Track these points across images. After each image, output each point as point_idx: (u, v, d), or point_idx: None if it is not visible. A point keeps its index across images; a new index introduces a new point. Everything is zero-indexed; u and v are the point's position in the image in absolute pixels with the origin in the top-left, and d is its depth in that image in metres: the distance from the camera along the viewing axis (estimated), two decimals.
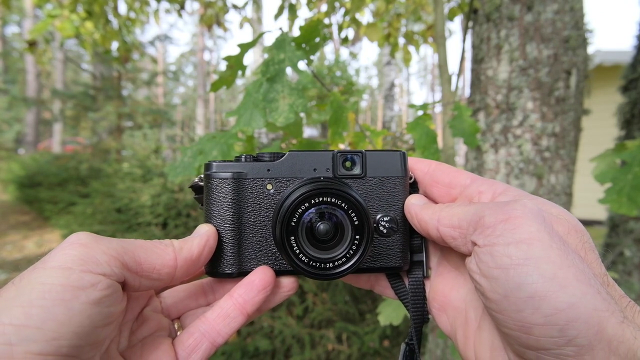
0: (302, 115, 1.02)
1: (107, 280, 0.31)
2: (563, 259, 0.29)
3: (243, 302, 0.41)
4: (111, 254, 0.32)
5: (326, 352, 2.36)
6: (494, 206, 0.34)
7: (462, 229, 0.35)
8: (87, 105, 9.19)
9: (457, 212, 0.37)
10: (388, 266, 0.45)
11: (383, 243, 0.45)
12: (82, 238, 0.32)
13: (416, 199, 0.44)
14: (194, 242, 0.40)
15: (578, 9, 1.56)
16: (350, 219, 0.41)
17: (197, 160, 0.89)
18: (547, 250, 0.29)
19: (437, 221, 0.38)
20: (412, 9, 3.02)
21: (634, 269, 1.82)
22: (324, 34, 1.04)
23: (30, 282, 0.29)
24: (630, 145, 1.02)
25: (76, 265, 0.30)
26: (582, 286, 0.28)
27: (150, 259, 0.36)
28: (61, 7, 2.71)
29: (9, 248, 5.45)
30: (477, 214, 0.34)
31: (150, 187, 3.99)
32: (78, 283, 0.29)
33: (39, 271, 0.29)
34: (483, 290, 0.32)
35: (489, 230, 0.32)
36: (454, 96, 1.28)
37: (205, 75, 23.77)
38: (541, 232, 0.30)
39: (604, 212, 2.11)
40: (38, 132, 16.41)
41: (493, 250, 0.31)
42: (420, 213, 0.41)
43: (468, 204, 0.37)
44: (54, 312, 0.28)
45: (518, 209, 0.32)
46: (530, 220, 0.31)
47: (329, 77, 9.81)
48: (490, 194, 0.39)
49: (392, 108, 9.41)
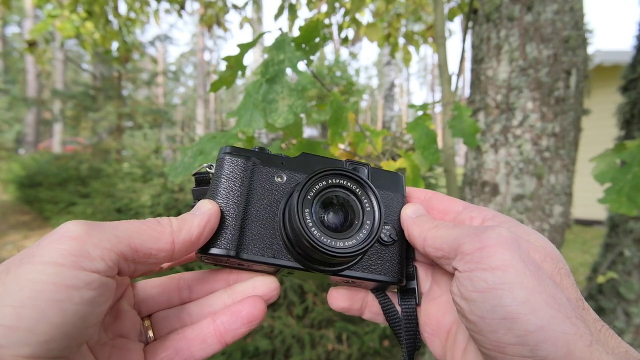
0: (302, 115, 1.02)
1: (101, 278, 0.30)
2: (535, 285, 0.31)
3: (224, 331, 0.40)
4: (104, 246, 0.30)
5: (326, 352, 2.36)
6: (472, 233, 0.35)
7: (444, 251, 0.38)
8: (87, 105, 9.19)
9: (441, 235, 0.39)
10: (386, 280, 0.45)
11: (383, 254, 0.45)
12: (73, 230, 0.30)
13: (411, 209, 0.45)
14: (194, 221, 0.38)
15: (578, 9, 1.56)
16: (362, 205, 0.42)
17: (197, 160, 0.89)
18: (520, 276, 0.31)
19: (424, 240, 0.40)
20: (412, 9, 3.02)
21: (634, 268, 1.82)
22: (324, 34, 1.04)
23: (19, 279, 0.27)
24: (630, 145, 1.02)
25: (68, 261, 0.28)
26: (552, 310, 0.30)
27: (146, 243, 0.34)
28: (61, 7, 2.72)
29: (9, 248, 5.45)
30: (457, 240, 0.36)
31: (151, 187, 3.99)
32: (71, 282, 0.28)
33: (28, 267, 0.27)
34: (463, 312, 0.34)
35: (468, 257, 0.34)
36: (454, 96, 1.28)
37: (205, 75, 23.76)
38: (515, 259, 0.32)
39: (603, 212, 2.10)
40: (38, 132, 16.41)
41: (472, 275, 0.33)
42: (411, 227, 0.43)
43: (452, 227, 0.39)
44: (47, 314, 0.26)
45: (493, 237, 0.34)
46: (505, 248, 0.33)
47: (329, 77, 9.81)
48: (480, 219, 0.42)
49: (392, 108, 9.40)
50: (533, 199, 1.56)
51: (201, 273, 0.45)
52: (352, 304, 0.47)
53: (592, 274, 2.01)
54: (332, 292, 0.47)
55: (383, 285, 0.47)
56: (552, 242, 1.45)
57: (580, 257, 5.35)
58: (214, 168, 0.44)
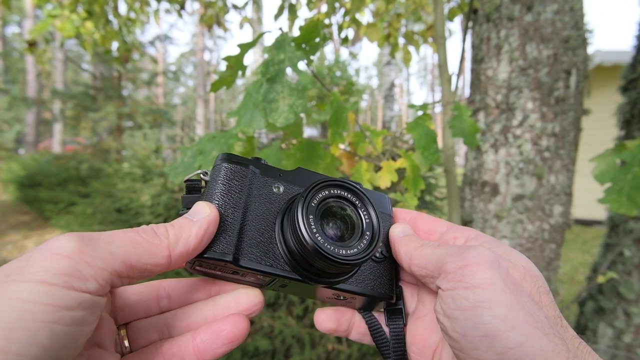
0: (302, 115, 1.02)
1: (92, 298, 0.28)
2: (514, 303, 0.32)
3: (203, 350, 0.38)
4: (98, 264, 0.29)
5: (326, 352, 2.36)
6: (455, 252, 0.37)
7: (428, 270, 0.39)
8: (87, 105, 9.19)
9: (426, 254, 0.40)
10: (378, 295, 0.45)
11: (374, 270, 0.46)
12: (66, 247, 0.28)
13: (399, 229, 0.46)
14: (192, 230, 0.36)
15: (578, 9, 1.56)
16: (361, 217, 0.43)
17: (197, 160, 0.89)
18: (500, 294, 0.32)
19: (410, 259, 0.42)
20: (412, 9, 3.02)
21: (634, 268, 1.82)
22: (324, 34, 1.04)
23: (8, 298, 0.25)
24: (630, 145, 1.02)
25: (60, 281, 0.26)
26: (530, 328, 0.31)
27: (142, 259, 0.32)
28: (61, 7, 2.72)
29: (9, 248, 5.45)
30: (441, 259, 0.37)
31: (151, 187, 3.99)
32: (63, 303, 0.26)
33: (17, 284, 0.26)
34: (446, 330, 0.35)
35: (450, 276, 0.35)
36: (454, 96, 1.28)
37: (205, 75, 23.77)
38: (495, 277, 0.33)
39: (603, 212, 2.11)
40: (38, 132, 16.41)
41: (454, 293, 0.34)
42: (399, 246, 0.44)
43: (436, 246, 0.40)
44: (37, 337, 0.25)
45: (475, 256, 0.35)
46: (486, 266, 0.34)
47: (329, 77, 9.81)
48: (463, 239, 0.43)
49: (392, 108, 9.40)
50: (533, 199, 1.56)
51: (182, 281, 0.43)
52: (339, 325, 0.47)
53: (592, 274, 2.02)
54: (319, 313, 0.47)
55: (372, 304, 0.47)
56: (552, 242, 1.45)
57: (580, 257, 5.35)
58: (208, 175, 0.43)
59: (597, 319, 1.92)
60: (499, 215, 1.61)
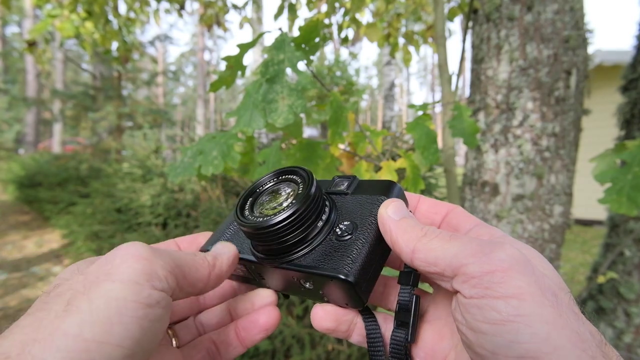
0: (302, 115, 1.02)
1: (167, 297, 0.31)
2: (557, 318, 0.27)
3: (244, 337, 0.43)
4: (167, 268, 0.32)
5: (326, 352, 2.36)
6: (477, 252, 0.30)
7: (438, 268, 0.33)
8: (87, 105, 9.19)
9: (435, 248, 0.33)
10: (328, 274, 0.39)
11: (337, 250, 0.39)
12: (141, 251, 0.31)
13: (392, 209, 0.38)
14: (223, 258, 0.39)
15: (578, 9, 1.56)
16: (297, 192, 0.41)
17: (197, 160, 0.89)
18: (540, 307, 0.27)
19: (412, 252, 0.34)
20: (412, 9, 3.02)
21: (634, 268, 1.81)
22: (324, 34, 1.04)
23: (102, 296, 0.28)
24: (630, 145, 1.02)
25: (143, 280, 0.29)
26: (577, 350, 0.26)
27: (191, 272, 0.35)
28: (61, 7, 2.71)
29: (9, 248, 5.45)
30: (458, 259, 0.31)
31: (150, 187, 3.99)
32: (148, 300, 0.29)
33: (108, 284, 0.29)
34: (470, 343, 0.30)
35: (474, 281, 0.29)
36: (454, 96, 1.28)
37: (205, 75, 23.77)
38: (532, 286, 0.28)
39: (604, 212, 2.11)
40: (38, 132, 16.41)
41: (481, 303, 0.29)
42: (395, 233, 0.36)
43: (448, 239, 0.33)
44: (131, 330, 0.27)
45: (504, 259, 0.29)
46: (519, 272, 0.29)
47: (329, 77, 9.82)
48: (487, 237, 0.37)
49: (392, 108, 9.40)
50: (533, 199, 1.56)
51: None
52: (338, 324, 0.41)
53: (593, 274, 2.02)
54: (317, 309, 0.41)
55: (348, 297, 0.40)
56: (552, 242, 1.45)
57: (580, 257, 5.35)
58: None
59: (598, 319, 1.92)
60: (499, 215, 1.61)
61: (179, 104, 36.34)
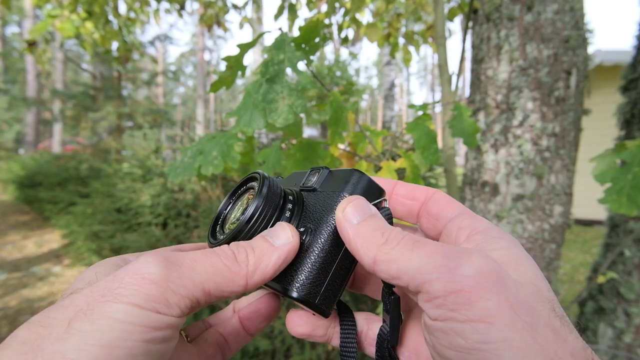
0: (302, 115, 1.02)
1: (176, 320, 0.30)
2: (530, 344, 0.24)
3: (249, 326, 0.42)
4: (181, 293, 0.30)
5: (326, 352, 2.36)
6: (441, 266, 0.27)
7: (401, 282, 0.29)
8: (87, 105, 9.19)
9: (397, 259, 0.29)
10: (273, 287, 0.36)
11: (294, 261, 0.36)
12: (154, 273, 0.29)
13: (350, 211, 0.33)
14: (271, 259, 0.34)
15: (578, 9, 1.56)
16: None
17: (197, 160, 0.89)
18: (511, 331, 0.24)
19: (373, 262, 0.30)
20: (412, 9, 3.02)
21: (634, 269, 1.82)
22: (324, 34, 1.04)
23: (107, 318, 0.26)
24: (630, 145, 1.02)
25: (149, 306, 0.28)
26: None
27: (220, 286, 0.32)
28: (61, 7, 2.71)
29: (9, 248, 5.45)
30: (421, 274, 0.27)
31: (150, 187, 3.99)
32: (154, 324, 0.28)
33: (112, 305, 0.27)
34: None
35: (438, 301, 0.26)
36: (454, 96, 1.28)
37: (205, 75, 23.78)
38: (502, 306, 0.24)
39: (604, 212, 2.11)
40: (38, 132, 16.41)
41: (446, 327, 0.26)
42: (354, 241, 0.32)
43: (410, 249, 0.29)
44: (135, 356, 0.26)
45: (472, 275, 0.26)
46: (488, 290, 0.25)
47: (329, 77, 9.82)
48: (468, 230, 0.33)
49: (392, 108, 9.40)
50: (533, 199, 1.56)
51: None
52: (313, 329, 0.39)
53: (593, 274, 2.01)
54: (291, 314, 0.40)
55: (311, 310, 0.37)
56: (552, 242, 1.44)
57: (580, 257, 5.35)
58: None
59: (598, 319, 1.92)
60: (499, 215, 1.61)
61: (179, 104, 36.34)
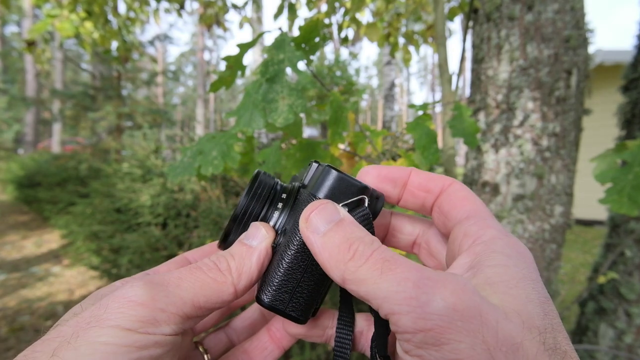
0: (302, 115, 1.02)
1: (167, 338, 0.29)
2: None
3: (280, 337, 0.39)
4: (170, 310, 0.30)
5: (326, 352, 2.36)
6: (410, 299, 0.24)
7: (371, 304, 0.26)
8: (87, 105, 9.18)
9: (365, 281, 0.26)
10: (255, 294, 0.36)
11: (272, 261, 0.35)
12: (140, 295, 0.29)
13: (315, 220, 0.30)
14: (252, 260, 0.34)
15: (579, 9, 1.56)
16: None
17: (197, 160, 0.89)
18: None
19: (342, 280, 0.28)
20: (412, 9, 3.01)
21: (635, 269, 1.81)
22: (324, 33, 1.04)
23: (90, 342, 0.26)
24: (631, 145, 1.02)
25: (136, 327, 0.28)
26: None
27: (210, 299, 0.32)
28: (60, 7, 2.71)
29: (8, 248, 5.45)
30: (389, 304, 0.24)
31: (150, 187, 3.98)
32: (141, 343, 0.27)
33: (97, 330, 0.27)
34: None
35: (407, 336, 0.24)
36: (454, 96, 1.28)
37: (205, 75, 23.77)
38: (476, 349, 0.22)
39: (604, 212, 2.10)
40: (37, 132, 16.40)
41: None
42: (321, 255, 0.29)
43: (379, 272, 0.26)
44: None
45: (443, 312, 0.23)
46: (461, 332, 0.22)
47: (329, 77, 9.82)
48: (472, 239, 0.30)
49: (392, 108, 9.40)
50: (534, 199, 1.56)
51: None
52: (309, 329, 0.38)
53: (593, 274, 2.01)
54: None
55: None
56: (553, 242, 1.43)
57: (581, 257, 5.35)
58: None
59: (598, 320, 1.91)
60: (499, 215, 1.61)
61: (179, 104, 36.35)
